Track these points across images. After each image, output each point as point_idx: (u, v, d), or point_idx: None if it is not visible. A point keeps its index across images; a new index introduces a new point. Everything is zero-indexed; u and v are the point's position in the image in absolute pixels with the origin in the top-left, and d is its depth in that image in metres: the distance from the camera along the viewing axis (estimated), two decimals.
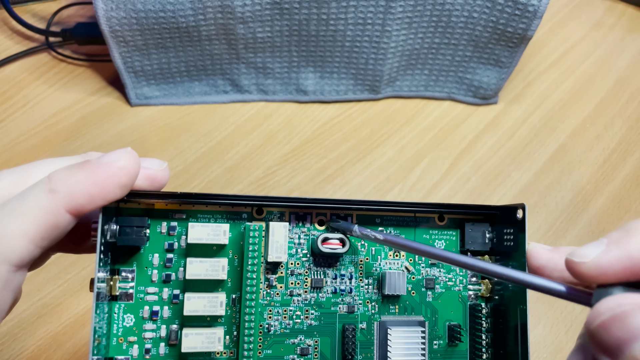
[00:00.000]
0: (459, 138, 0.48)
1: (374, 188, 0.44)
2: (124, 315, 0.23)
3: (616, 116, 0.50)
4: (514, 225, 0.24)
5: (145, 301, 0.23)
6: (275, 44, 0.45)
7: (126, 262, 0.23)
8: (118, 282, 0.23)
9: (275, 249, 0.23)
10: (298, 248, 0.25)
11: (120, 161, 0.21)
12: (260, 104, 0.49)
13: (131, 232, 0.22)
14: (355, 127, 0.48)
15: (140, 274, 0.23)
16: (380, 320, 0.25)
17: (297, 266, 0.24)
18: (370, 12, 0.43)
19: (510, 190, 0.45)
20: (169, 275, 0.23)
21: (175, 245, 0.23)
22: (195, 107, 0.49)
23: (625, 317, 0.15)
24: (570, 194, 0.45)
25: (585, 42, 0.56)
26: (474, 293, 0.25)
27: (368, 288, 0.25)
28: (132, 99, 0.48)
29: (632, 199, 0.45)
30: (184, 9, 0.41)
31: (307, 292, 0.24)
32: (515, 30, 0.43)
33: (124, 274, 0.23)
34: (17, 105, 0.48)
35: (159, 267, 0.23)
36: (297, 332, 0.24)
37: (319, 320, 0.24)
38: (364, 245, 0.25)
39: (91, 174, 0.20)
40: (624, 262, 0.17)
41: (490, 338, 0.25)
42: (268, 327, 0.24)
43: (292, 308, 0.24)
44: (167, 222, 0.23)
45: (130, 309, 0.23)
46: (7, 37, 0.52)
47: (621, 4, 0.60)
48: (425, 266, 0.25)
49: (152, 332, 0.23)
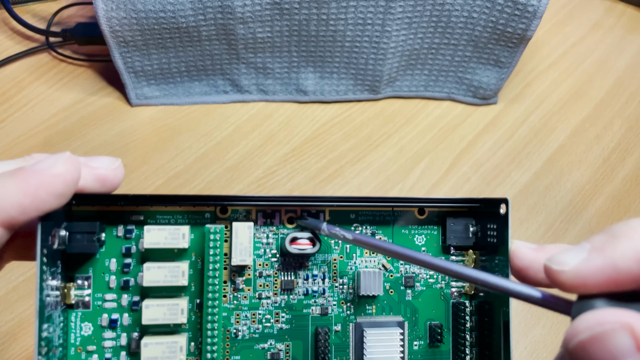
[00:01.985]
0: (458, 138, 0.48)
1: (373, 188, 0.44)
2: (81, 324, 0.22)
3: (616, 116, 0.50)
4: (498, 219, 0.22)
5: (103, 309, 0.22)
6: (275, 44, 0.45)
7: (81, 268, 0.22)
8: (73, 290, 0.21)
9: (239, 252, 0.22)
10: (266, 248, 0.23)
11: (56, 168, 0.18)
12: (260, 104, 0.49)
13: (82, 238, 0.21)
14: (355, 127, 0.48)
15: (97, 281, 0.22)
16: (355, 322, 0.23)
17: (266, 267, 0.23)
18: (370, 13, 0.43)
19: (509, 190, 0.45)
20: (127, 282, 0.22)
21: (133, 249, 0.22)
22: (195, 107, 0.49)
23: (605, 338, 0.14)
24: (570, 193, 0.45)
25: (585, 43, 0.56)
26: (457, 290, 0.24)
27: (342, 288, 0.24)
28: (132, 99, 0.48)
29: (631, 199, 0.45)
30: (184, 9, 0.41)
31: (277, 294, 0.23)
32: (515, 31, 0.43)
33: (79, 281, 0.22)
34: (17, 105, 0.48)
35: (116, 272, 0.22)
36: (267, 336, 0.23)
37: (290, 323, 0.23)
38: (337, 243, 0.24)
39: (22, 182, 0.18)
40: (608, 272, 0.15)
41: (474, 337, 0.24)
42: (236, 332, 0.23)
43: (262, 311, 0.23)
44: (124, 226, 0.22)
45: (88, 317, 0.22)
46: (7, 37, 0.53)
47: (620, 4, 0.60)
48: (404, 263, 0.24)
49: (112, 340, 0.22)
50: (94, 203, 0.21)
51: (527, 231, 0.43)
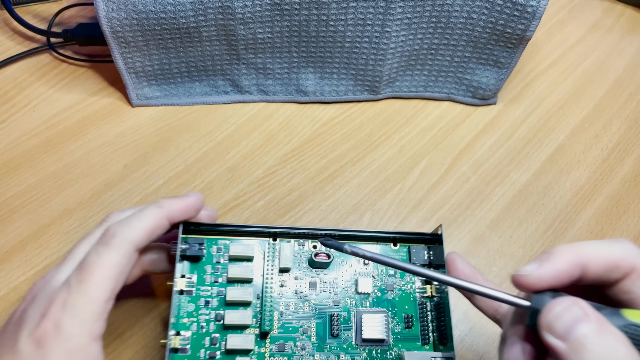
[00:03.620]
0: (458, 138, 0.48)
1: (373, 188, 0.45)
2: (187, 304, 0.33)
3: (615, 116, 0.50)
4: (440, 245, 0.34)
5: (200, 295, 0.33)
6: (275, 44, 0.46)
7: (190, 269, 0.34)
8: (186, 282, 0.33)
9: (284, 259, 0.34)
10: (300, 262, 0.35)
11: (196, 197, 0.33)
12: (261, 105, 0.50)
13: (196, 247, 0.33)
14: (355, 127, 0.48)
15: (199, 277, 0.34)
16: (356, 310, 0.34)
17: (300, 274, 0.35)
18: (370, 13, 0.43)
19: (509, 190, 0.45)
20: (217, 278, 0.34)
21: (221, 260, 0.34)
22: (196, 108, 0.49)
23: (570, 309, 0.23)
24: (569, 193, 0.45)
25: (584, 43, 0.56)
26: (421, 294, 0.35)
27: (348, 289, 0.35)
28: (133, 99, 0.48)
29: (630, 198, 0.45)
30: (185, 10, 0.41)
31: (306, 290, 0.35)
32: (514, 31, 0.44)
33: (187, 276, 0.34)
34: (18, 105, 0.48)
35: (211, 273, 0.34)
36: (300, 317, 0.34)
37: (314, 309, 0.34)
38: (344, 261, 0.36)
39: (182, 200, 0.32)
40: (553, 273, 0.24)
41: (434, 325, 0.34)
42: (281, 313, 0.34)
43: (296, 301, 0.34)
44: (216, 243, 0.35)
45: (192, 300, 0.33)
46: (9, 37, 0.53)
47: (620, 5, 0.60)
48: (385, 275, 0.35)
49: (205, 315, 0.33)
50: (203, 227, 0.34)
51: (527, 231, 0.43)
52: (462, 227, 0.43)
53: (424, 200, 0.44)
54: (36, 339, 0.27)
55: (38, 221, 0.41)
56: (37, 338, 0.27)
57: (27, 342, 0.27)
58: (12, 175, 0.44)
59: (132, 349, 0.36)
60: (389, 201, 0.44)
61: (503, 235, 0.43)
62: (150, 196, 0.43)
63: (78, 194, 0.43)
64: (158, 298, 0.38)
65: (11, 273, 0.39)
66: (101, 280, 0.28)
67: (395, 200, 0.44)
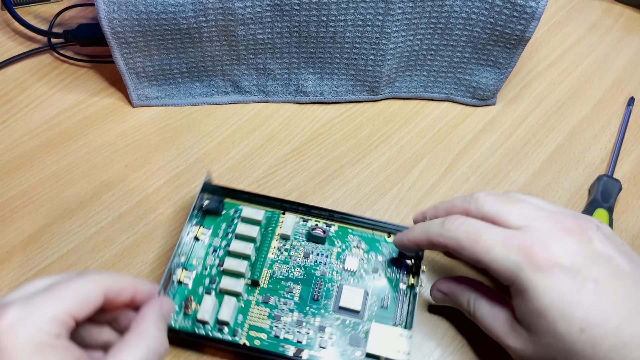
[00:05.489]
0: (457, 138, 0.48)
1: (373, 188, 0.45)
2: (199, 250, 0.39)
3: (613, 117, 0.50)
4: None
5: (212, 244, 0.39)
6: (275, 45, 0.46)
7: (207, 222, 0.40)
8: (201, 232, 0.40)
9: (285, 227, 0.40)
10: (300, 235, 0.40)
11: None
12: (261, 105, 0.50)
13: (216, 203, 0.40)
14: (354, 127, 0.49)
15: (214, 231, 0.40)
16: (339, 284, 0.38)
17: (297, 244, 0.40)
18: (369, 14, 0.43)
19: (508, 190, 0.45)
20: (228, 233, 0.40)
21: (235, 221, 0.41)
22: (197, 108, 0.49)
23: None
24: (568, 194, 0.45)
25: (583, 43, 0.56)
26: (404, 283, 0.38)
27: (337, 264, 0.39)
28: (134, 99, 0.48)
29: (629, 198, 0.45)
30: (185, 11, 0.41)
31: (299, 258, 0.39)
32: (514, 32, 0.44)
33: (204, 229, 0.40)
34: (19, 105, 0.48)
35: (224, 229, 0.40)
36: (289, 279, 0.38)
37: (303, 276, 0.38)
38: (339, 240, 0.40)
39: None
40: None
41: (409, 310, 0.37)
42: (273, 272, 0.38)
43: (289, 266, 0.39)
44: (235, 207, 0.41)
45: (203, 247, 0.39)
46: (10, 38, 0.53)
47: (619, 6, 0.60)
48: (375, 260, 0.40)
49: (212, 260, 0.39)
50: (223, 193, 0.41)
51: None
52: None
53: (424, 200, 0.44)
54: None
55: (39, 221, 0.41)
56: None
57: None
58: (13, 175, 0.44)
59: None
60: (388, 201, 0.44)
61: None
62: (151, 196, 0.43)
63: (79, 194, 0.43)
64: None
65: (12, 273, 0.39)
66: (67, 296, 0.26)
67: (395, 200, 0.44)
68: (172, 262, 0.35)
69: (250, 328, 0.36)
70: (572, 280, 0.28)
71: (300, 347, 0.35)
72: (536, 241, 0.29)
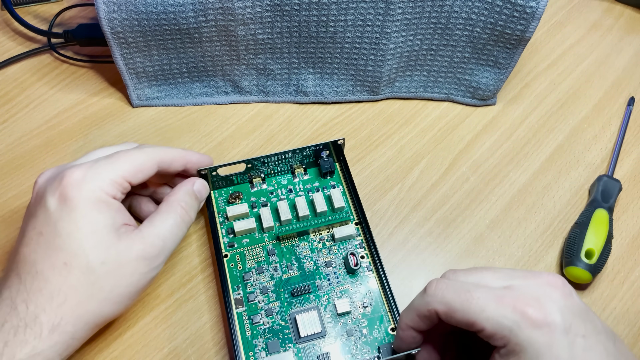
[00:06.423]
0: (457, 138, 0.48)
1: (373, 188, 0.45)
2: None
3: (614, 117, 0.50)
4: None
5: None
6: (275, 45, 0.46)
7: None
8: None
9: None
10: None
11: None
12: (261, 105, 0.50)
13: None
14: (354, 127, 0.49)
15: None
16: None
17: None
18: (369, 14, 0.43)
19: (508, 190, 0.45)
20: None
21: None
22: (197, 108, 0.49)
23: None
24: (568, 193, 0.45)
25: (583, 43, 0.56)
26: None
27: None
28: (134, 100, 0.48)
29: (629, 199, 0.45)
30: (185, 11, 0.41)
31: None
32: (514, 32, 0.44)
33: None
34: (19, 105, 0.48)
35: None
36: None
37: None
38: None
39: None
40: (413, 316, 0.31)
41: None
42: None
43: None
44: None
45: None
46: (10, 38, 0.53)
47: (619, 6, 0.60)
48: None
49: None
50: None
51: (526, 231, 0.43)
52: (462, 227, 0.43)
53: (424, 200, 0.44)
54: (61, 195, 0.31)
55: None
56: (61, 193, 0.31)
57: (53, 199, 0.31)
58: (13, 175, 0.44)
59: (132, 348, 0.36)
60: (388, 201, 0.44)
61: (502, 235, 0.43)
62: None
63: None
64: (158, 298, 0.38)
65: None
66: (125, 163, 0.33)
67: (395, 200, 0.44)
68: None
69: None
70: (565, 337, 0.27)
71: None
72: (529, 299, 0.28)
